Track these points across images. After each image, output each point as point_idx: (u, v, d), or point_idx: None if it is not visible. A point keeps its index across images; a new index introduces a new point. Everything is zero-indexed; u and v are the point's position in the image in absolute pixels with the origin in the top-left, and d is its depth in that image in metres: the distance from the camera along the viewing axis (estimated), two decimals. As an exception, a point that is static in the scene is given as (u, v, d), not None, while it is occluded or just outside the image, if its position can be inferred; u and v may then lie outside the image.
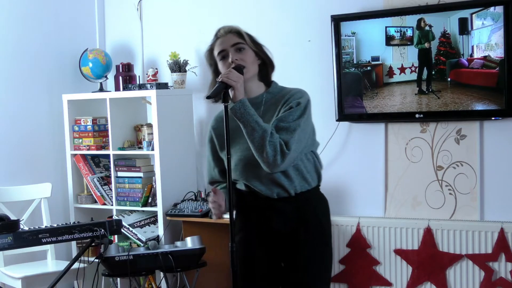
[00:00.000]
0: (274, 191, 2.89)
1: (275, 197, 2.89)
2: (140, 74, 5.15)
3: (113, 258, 4.25)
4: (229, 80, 2.75)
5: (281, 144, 2.75)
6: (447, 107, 4.11)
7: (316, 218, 2.97)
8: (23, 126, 4.93)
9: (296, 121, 2.81)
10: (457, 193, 4.21)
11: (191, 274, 4.56)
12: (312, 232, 2.94)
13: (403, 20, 4.20)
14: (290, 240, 2.93)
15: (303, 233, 2.92)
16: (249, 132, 2.74)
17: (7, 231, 3.53)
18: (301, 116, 2.83)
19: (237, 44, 2.89)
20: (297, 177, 2.89)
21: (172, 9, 5.14)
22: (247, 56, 2.89)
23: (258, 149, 2.74)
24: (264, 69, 2.96)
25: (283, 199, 2.90)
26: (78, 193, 5.08)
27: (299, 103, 2.85)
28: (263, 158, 2.74)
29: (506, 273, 3.99)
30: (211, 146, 3.04)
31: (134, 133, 5.07)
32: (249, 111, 2.74)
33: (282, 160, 2.75)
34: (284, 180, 2.87)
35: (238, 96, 2.75)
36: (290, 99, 2.88)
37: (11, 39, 4.87)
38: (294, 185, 2.89)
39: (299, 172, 2.90)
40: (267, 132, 2.73)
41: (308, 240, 2.93)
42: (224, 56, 2.90)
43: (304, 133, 2.85)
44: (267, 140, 2.72)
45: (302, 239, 2.92)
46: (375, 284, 4.34)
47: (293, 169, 2.88)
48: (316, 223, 2.97)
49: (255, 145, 2.74)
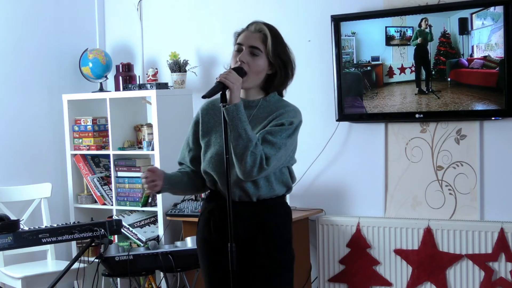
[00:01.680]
0: (236, 194, 2.84)
1: (236, 200, 2.84)
2: (140, 74, 5.15)
3: (113, 258, 4.24)
4: (226, 81, 2.72)
5: (262, 157, 2.71)
6: (447, 107, 4.12)
7: (276, 226, 2.90)
8: (23, 126, 4.92)
9: (284, 140, 2.78)
10: (457, 193, 4.21)
11: (191, 274, 4.56)
12: (271, 240, 2.87)
13: (403, 20, 4.20)
14: (248, 247, 2.86)
15: (261, 240, 2.86)
16: (235, 137, 2.70)
17: (7, 231, 3.53)
18: (290, 136, 2.81)
19: (254, 48, 2.83)
20: (265, 186, 2.85)
21: (172, 9, 5.14)
22: (255, 64, 2.83)
23: (238, 156, 2.70)
24: (272, 80, 2.90)
25: (243, 203, 2.86)
26: (78, 193, 5.08)
27: (291, 123, 2.81)
28: (241, 165, 2.71)
29: (506, 273, 3.99)
30: (194, 129, 2.98)
31: (134, 133, 5.07)
32: (240, 116, 2.71)
33: (258, 173, 2.73)
34: (251, 187, 2.83)
35: (234, 100, 2.72)
36: (285, 115, 2.83)
37: (11, 39, 4.87)
38: (259, 193, 2.85)
39: (269, 183, 2.86)
40: (252, 143, 2.69)
41: (266, 247, 2.86)
42: (239, 50, 2.86)
43: (286, 151, 2.82)
44: (249, 150, 2.68)
45: (261, 245, 2.86)
46: (375, 284, 4.34)
47: (263, 179, 2.84)
48: (276, 231, 2.90)
49: (236, 151, 2.71)
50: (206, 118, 2.94)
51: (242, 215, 2.85)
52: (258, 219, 2.87)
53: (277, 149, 2.76)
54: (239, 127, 2.70)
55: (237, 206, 2.83)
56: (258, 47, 2.84)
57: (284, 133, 2.79)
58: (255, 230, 2.87)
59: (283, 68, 2.87)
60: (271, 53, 2.83)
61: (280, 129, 2.78)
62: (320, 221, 4.48)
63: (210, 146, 2.87)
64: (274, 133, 2.77)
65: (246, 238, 2.86)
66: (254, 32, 2.87)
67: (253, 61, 2.83)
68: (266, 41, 2.84)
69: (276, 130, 2.78)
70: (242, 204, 2.85)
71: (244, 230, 2.86)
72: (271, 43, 2.83)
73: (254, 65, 2.83)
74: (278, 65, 2.86)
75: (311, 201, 4.60)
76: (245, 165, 2.70)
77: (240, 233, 2.83)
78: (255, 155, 2.70)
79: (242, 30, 2.92)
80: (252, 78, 2.84)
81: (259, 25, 2.88)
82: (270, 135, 2.76)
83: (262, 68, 2.85)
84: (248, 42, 2.85)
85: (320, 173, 4.60)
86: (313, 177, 4.60)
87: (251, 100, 2.90)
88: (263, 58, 2.84)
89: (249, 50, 2.84)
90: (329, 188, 4.59)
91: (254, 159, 2.69)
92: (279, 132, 2.78)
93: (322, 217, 4.50)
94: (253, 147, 2.69)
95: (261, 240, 2.87)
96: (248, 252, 2.86)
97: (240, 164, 2.71)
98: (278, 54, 2.85)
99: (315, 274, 4.57)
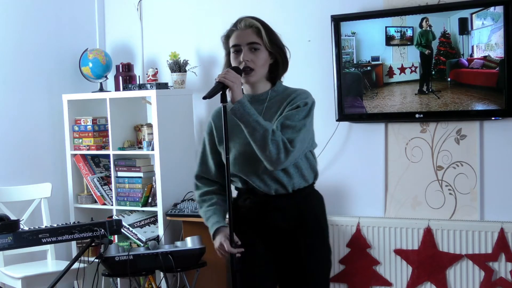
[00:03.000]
0: (272, 188, 2.88)
1: (273, 194, 2.89)
2: (140, 74, 5.15)
3: (113, 258, 4.25)
4: (226, 81, 2.74)
5: (284, 141, 2.74)
6: (447, 107, 4.11)
7: (315, 216, 2.98)
8: (23, 126, 4.92)
9: (302, 121, 2.82)
10: (457, 193, 4.21)
11: (191, 274, 4.56)
12: (310, 230, 2.94)
13: (403, 20, 4.20)
14: (289, 238, 2.92)
15: (301, 231, 2.92)
16: (250, 132, 2.74)
17: (7, 231, 3.53)
18: (307, 116, 2.84)
19: (252, 43, 2.87)
20: (296, 174, 2.90)
21: (172, 9, 5.14)
22: (259, 58, 2.87)
23: (261, 147, 2.73)
24: (275, 70, 2.94)
25: (281, 196, 2.90)
26: (78, 193, 5.08)
27: (306, 103, 2.85)
28: (266, 156, 2.74)
29: (506, 273, 3.99)
30: (210, 139, 3.01)
31: (134, 133, 5.07)
32: (248, 111, 2.73)
33: (286, 158, 2.75)
34: (283, 176, 2.87)
35: (236, 97, 2.74)
36: (297, 98, 2.88)
37: (11, 39, 4.87)
38: (293, 182, 2.90)
39: (299, 169, 2.90)
40: (268, 131, 2.72)
41: (307, 239, 2.92)
42: (237, 51, 2.89)
43: (308, 133, 2.87)
44: (269, 138, 2.71)
45: (301, 237, 2.91)
46: (375, 284, 4.34)
47: (293, 167, 2.88)
48: (315, 221, 2.97)
49: (257, 144, 2.74)
50: (219, 123, 2.92)
51: (281, 207, 2.90)
52: (297, 210, 2.92)
53: (297, 130, 2.79)
54: (251, 121, 2.73)
55: (275, 200, 2.89)
56: (257, 42, 2.88)
57: (301, 114, 2.82)
58: (294, 222, 2.92)
59: (282, 54, 2.93)
60: (269, 43, 2.89)
61: (297, 111, 2.82)
62: (320, 221, 4.48)
63: (230, 148, 2.88)
64: (291, 116, 2.81)
65: (286, 230, 2.91)
66: (246, 28, 2.90)
67: (256, 57, 2.87)
68: (260, 33, 2.88)
69: (293, 113, 2.82)
70: (280, 196, 2.90)
71: (284, 222, 2.91)
72: (265, 34, 2.89)
73: (258, 60, 2.87)
74: (277, 53, 2.92)
75: (311, 201, 4.59)
76: (271, 153, 2.73)
77: (280, 225, 2.90)
78: (276, 141, 2.73)
79: (231, 30, 2.94)
80: (259, 72, 2.88)
81: (247, 20, 2.92)
82: (287, 120, 2.80)
83: (265, 60, 2.89)
84: (244, 40, 2.87)
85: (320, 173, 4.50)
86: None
87: (260, 94, 2.93)
88: (263, 51, 2.88)
89: (248, 47, 2.87)
90: (329, 188, 4.58)
91: (276, 145, 2.73)
92: (296, 114, 2.81)
93: (322, 217, 4.50)
94: (271, 134, 2.72)
95: (301, 232, 2.92)
96: (288, 244, 2.91)
97: (264, 154, 2.74)
98: (274, 42, 2.91)
99: (315, 274, 4.57)
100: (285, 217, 2.91)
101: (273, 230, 2.91)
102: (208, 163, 3.02)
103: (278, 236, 2.91)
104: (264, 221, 2.92)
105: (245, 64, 2.84)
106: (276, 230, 2.91)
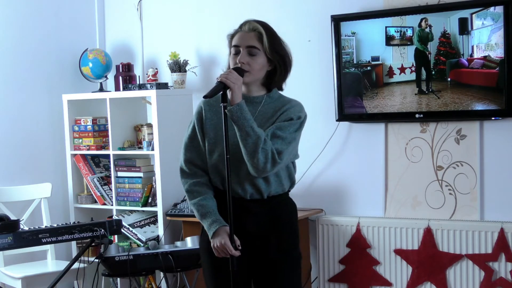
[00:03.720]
0: (248, 192, 2.87)
1: (247, 198, 2.88)
2: (140, 74, 5.15)
3: (113, 258, 4.24)
4: (227, 81, 2.75)
5: (273, 152, 2.76)
6: (447, 107, 4.12)
7: (288, 221, 2.97)
8: (23, 126, 4.92)
9: (293, 134, 2.85)
10: (457, 193, 4.21)
11: (191, 274, 4.56)
12: (283, 235, 2.93)
13: (403, 20, 4.20)
14: (261, 242, 2.90)
15: (274, 236, 2.90)
16: (243, 136, 2.74)
17: (7, 231, 3.53)
18: (298, 129, 2.88)
19: (251, 47, 2.85)
20: (275, 182, 2.90)
21: (172, 9, 5.14)
22: (255, 63, 2.85)
23: (250, 154, 2.74)
24: (272, 76, 2.93)
25: (255, 201, 2.89)
26: (78, 193, 5.08)
27: (299, 117, 2.88)
28: (253, 163, 2.75)
29: (506, 273, 3.99)
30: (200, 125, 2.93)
31: (134, 133, 5.07)
32: (245, 115, 2.74)
33: (271, 168, 2.78)
34: (262, 184, 2.87)
35: (236, 99, 2.75)
36: (291, 109, 2.88)
37: (11, 39, 4.87)
38: (270, 190, 2.90)
39: (278, 178, 2.91)
40: (261, 139, 2.73)
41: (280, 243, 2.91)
42: (236, 52, 2.88)
43: (295, 145, 2.90)
44: (260, 146, 2.72)
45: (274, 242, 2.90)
46: (375, 284, 4.34)
47: (274, 175, 2.88)
48: (287, 226, 2.96)
49: (247, 149, 2.74)
50: (209, 114, 2.93)
51: (254, 212, 2.89)
52: (270, 215, 2.91)
53: (287, 143, 2.82)
54: (246, 126, 2.73)
55: (249, 204, 2.88)
56: (256, 46, 2.86)
57: (293, 127, 2.84)
58: (267, 227, 2.91)
59: (282, 63, 2.91)
60: (269, 50, 2.87)
61: (289, 123, 2.84)
62: (320, 221, 4.48)
63: (217, 144, 2.87)
64: (284, 128, 2.82)
65: (259, 234, 2.90)
66: (249, 31, 2.89)
67: (253, 61, 2.86)
68: (262, 39, 2.87)
69: (286, 125, 2.83)
70: (253, 201, 2.89)
71: (257, 226, 2.90)
72: (267, 40, 2.87)
73: (254, 64, 2.86)
74: (277, 61, 2.90)
75: (311, 201, 4.59)
76: (258, 162, 2.74)
77: (252, 230, 2.89)
78: (266, 151, 2.74)
79: (236, 31, 2.93)
80: (254, 75, 2.88)
81: (252, 24, 2.90)
82: (279, 130, 2.81)
83: (262, 66, 2.88)
84: (244, 43, 2.87)
85: (320, 173, 4.60)
86: (313, 177, 4.60)
87: (254, 96, 2.93)
88: (262, 56, 2.87)
89: (247, 50, 2.86)
90: (329, 188, 4.59)
91: (265, 154, 2.74)
92: (288, 126, 2.83)
93: (322, 217, 4.50)
94: (263, 143, 2.73)
95: (274, 236, 2.91)
96: (260, 248, 2.90)
97: (252, 161, 2.75)
98: (275, 49, 2.89)
99: (315, 274, 4.57)
100: (258, 221, 2.90)
101: (245, 234, 2.87)
102: (199, 149, 2.95)
103: (251, 240, 2.88)
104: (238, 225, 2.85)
105: (240, 66, 2.84)
106: (247, 234, 2.87)
